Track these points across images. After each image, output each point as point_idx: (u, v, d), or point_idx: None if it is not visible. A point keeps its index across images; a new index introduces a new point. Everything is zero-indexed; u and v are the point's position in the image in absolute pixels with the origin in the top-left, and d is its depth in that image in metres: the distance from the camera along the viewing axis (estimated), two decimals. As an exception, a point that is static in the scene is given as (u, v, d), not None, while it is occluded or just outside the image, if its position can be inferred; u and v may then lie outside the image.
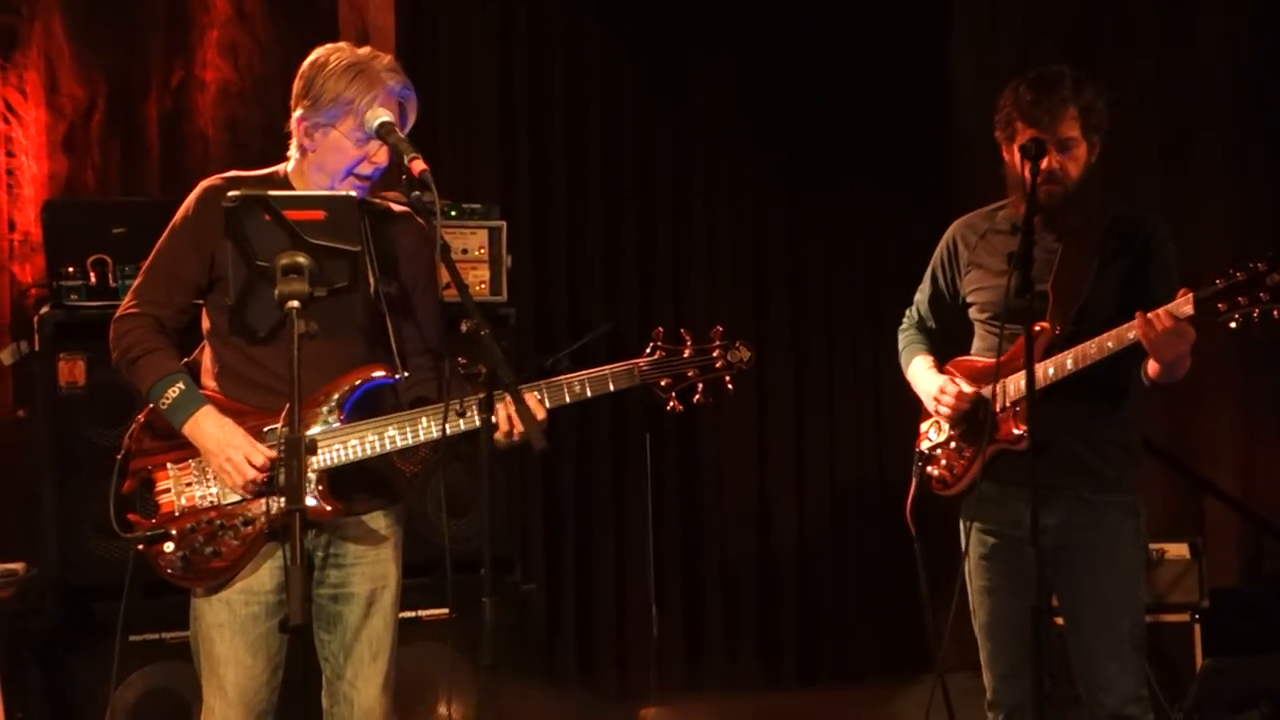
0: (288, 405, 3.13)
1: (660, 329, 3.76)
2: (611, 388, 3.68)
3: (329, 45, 3.61)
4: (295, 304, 3.07)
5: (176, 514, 3.55)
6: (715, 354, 3.74)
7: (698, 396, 3.75)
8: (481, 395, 3.34)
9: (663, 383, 3.72)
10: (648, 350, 3.73)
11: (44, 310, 4.96)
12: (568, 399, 3.64)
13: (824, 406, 6.96)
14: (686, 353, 3.73)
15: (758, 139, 6.84)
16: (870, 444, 7.02)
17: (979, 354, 4.18)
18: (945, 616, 4.19)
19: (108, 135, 5.67)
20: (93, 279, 4.92)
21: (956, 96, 7.03)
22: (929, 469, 4.25)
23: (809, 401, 6.94)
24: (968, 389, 4.10)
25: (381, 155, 3.53)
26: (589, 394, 3.66)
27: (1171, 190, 6.82)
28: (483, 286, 5.36)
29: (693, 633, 6.69)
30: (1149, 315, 3.77)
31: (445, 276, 3.40)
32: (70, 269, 4.91)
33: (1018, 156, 3.93)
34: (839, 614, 6.94)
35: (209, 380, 3.61)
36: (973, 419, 4.11)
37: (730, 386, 3.76)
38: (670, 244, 6.68)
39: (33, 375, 5.01)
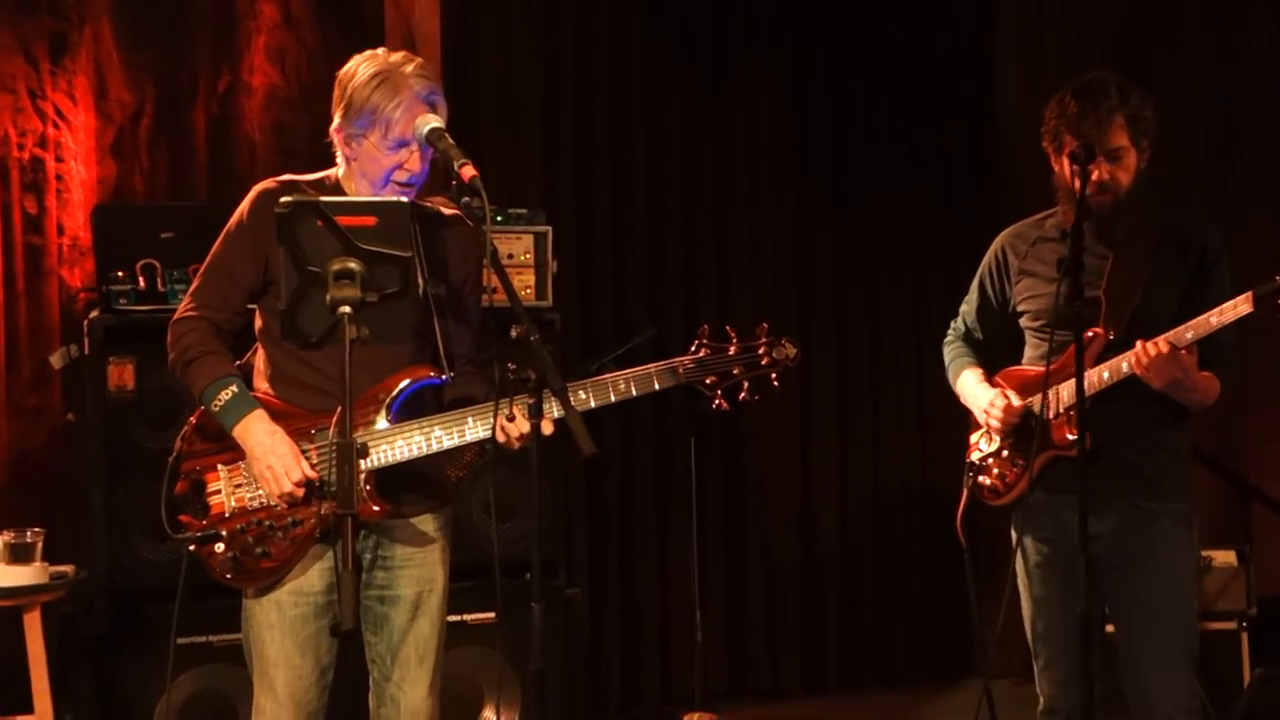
0: (339, 409, 3.14)
1: (705, 326, 3.74)
2: (656, 386, 3.65)
3: (365, 53, 3.60)
4: (347, 309, 3.08)
5: (227, 515, 3.57)
6: (761, 351, 3.72)
7: (743, 394, 3.72)
8: (531, 399, 3.34)
9: (708, 381, 3.69)
10: (692, 348, 3.70)
11: (93, 314, 5.00)
12: (613, 397, 3.62)
13: (868, 411, 6.95)
14: (732, 350, 3.71)
15: (801, 142, 6.83)
16: (914, 449, 7.00)
17: (1030, 363, 4.16)
18: (993, 624, 4.18)
19: (156, 140, 5.71)
20: (141, 283, 4.95)
21: (1001, 100, 7.01)
22: (980, 479, 4.23)
23: (852, 407, 6.93)
24: (1017, 402, 4.09)
25: (414, 162, 3.53)
26: (634, 392, 3.63)
27: (1218, 195, 6.77)
28: (528, 291, 5.36)
29: (736, 638, 6.69)
30: (1145, 343, 3.78)
31: (494, 281, 3.40)
32: (119, 273, 4.94)
33: (1068, 166, 3.91)
34: (882, 619, 6.93)
35: (261, 382, 3.63)
36: (1025, 428, 4.09)
37: (776, 384, 3.73)
38: (713, 247, 6.68)
39: (82, 379, 5.05)
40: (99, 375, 4.90)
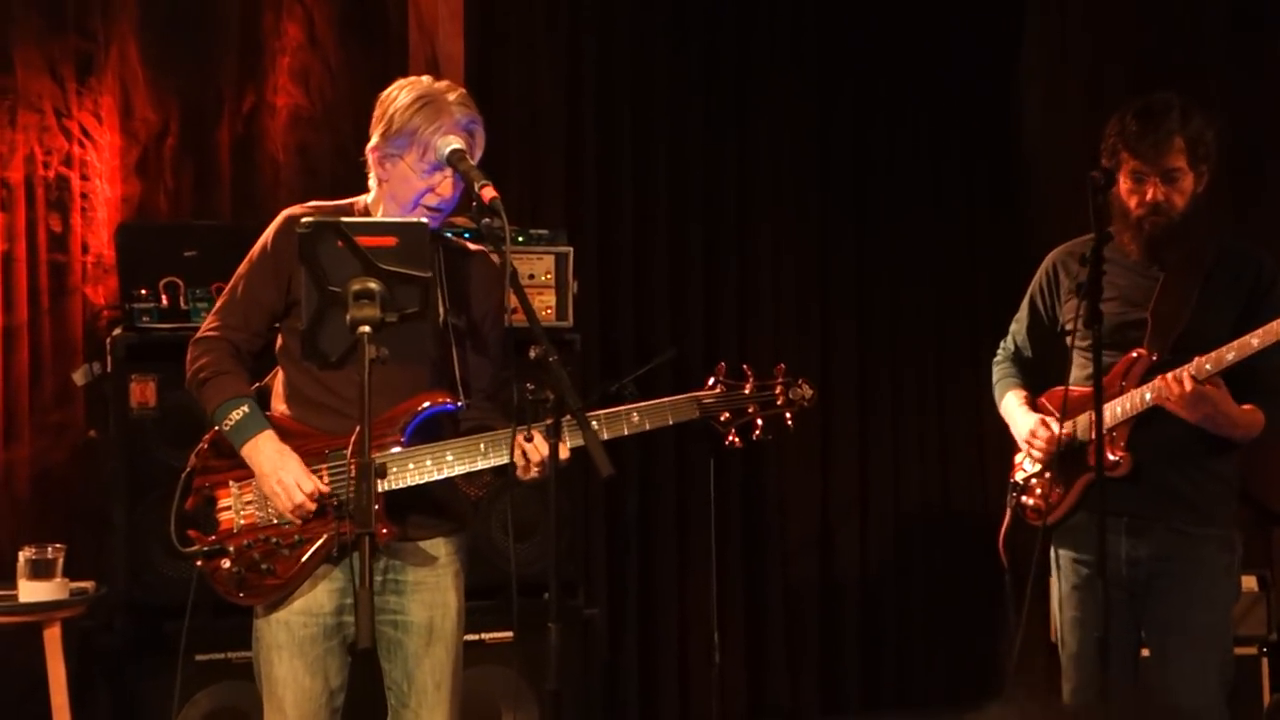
0: (357, 429, 3.15)
1: (723, 364, 3.77)
2: (671, 420, 3.70)
3: (409, 79, 3.66)
4: (366, 329, 3.09)
5: (235, 531, 3.59)
6: (777, 390, 3.77)
7: (756, 433, 3.76)
8: (549, 421, 3.35)
9: (722, 417, 3.74)
10: (709, 384, 3.74)
11: (116, 332, 5.02)
12: (626, 430, 3.65)
13: (888, 432, 6.94)
14: (748, 388, 3.76)
15: (824, 165, 6.83)
16: (934, 473, 6.99)
17: (1076, 383, 4.12)
18: (1014, 644, 4.16)
19: (180, 159, 5.73)
20: (164, 301, 4.97)
21: (1024, 126, 7.01)
22: (1024, 499, 4.20)
23: (873, 427, 6.92)
24: (1060, 431, 4.06)
25: (446, 187, 3.56)
26: (648, 426, 3.68)
27: (1242, 218, 6.75)
28: (549, 312, 5.38)
29: (755, 659, 6.68)
30: (1168, 377, 3.76)
31: (514, 302, 3.42)
32: (142, 291, 4.97)
33: (1124, 186, 3.90)
34: (902, 642, 6.91)
35: (278, 404, 3.65)
36: (1068, 450, 4.06)
37: (791, 424, 3.77)
38: (735, 268, 6.68)
39: (104, 396, 5.08)
40: (121, 393, 4.92)
